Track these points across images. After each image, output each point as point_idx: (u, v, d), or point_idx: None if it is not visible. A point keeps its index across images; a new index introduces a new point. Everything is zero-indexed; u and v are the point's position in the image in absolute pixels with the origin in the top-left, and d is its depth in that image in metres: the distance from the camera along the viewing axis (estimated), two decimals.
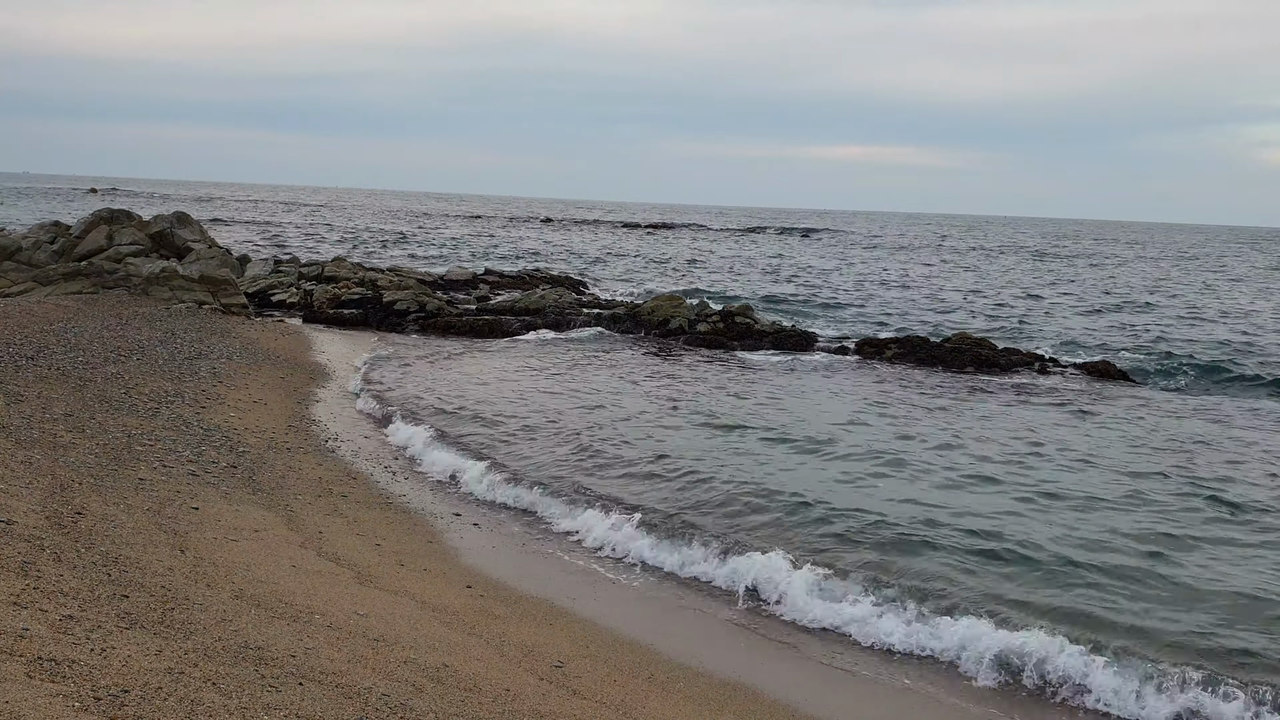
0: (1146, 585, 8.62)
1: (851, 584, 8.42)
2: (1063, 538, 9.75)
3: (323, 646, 6.10)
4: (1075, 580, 8.65)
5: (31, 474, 8.58)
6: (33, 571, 6.16)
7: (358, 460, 12.15)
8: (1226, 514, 10.83)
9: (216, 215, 75.45)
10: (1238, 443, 14.80)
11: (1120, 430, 15.35)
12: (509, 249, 54.17)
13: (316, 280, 28.02)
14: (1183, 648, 7.42)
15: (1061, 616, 7.88)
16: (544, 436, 13.49)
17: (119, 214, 25.70)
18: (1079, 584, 8.58)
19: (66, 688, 4.56)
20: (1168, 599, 8.35)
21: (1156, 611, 8.07)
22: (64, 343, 15.39)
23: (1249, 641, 7.56)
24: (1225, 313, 34.16)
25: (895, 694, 7.06)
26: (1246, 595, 8.44)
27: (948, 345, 22.23)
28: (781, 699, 6.81)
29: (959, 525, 9.95)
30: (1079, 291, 41.12)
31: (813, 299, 34.53)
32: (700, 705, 6.57)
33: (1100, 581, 8.64)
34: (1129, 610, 8.06)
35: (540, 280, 33.15)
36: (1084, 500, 11.16)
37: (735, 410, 15.64)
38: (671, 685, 6.84)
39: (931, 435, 14.33)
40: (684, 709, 6.47)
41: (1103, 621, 7.82)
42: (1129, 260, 61.92)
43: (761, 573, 8.63)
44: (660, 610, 8.46)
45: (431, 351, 20.79)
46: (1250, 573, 9.04)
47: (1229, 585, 8.68)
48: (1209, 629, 7.76)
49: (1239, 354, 24.08)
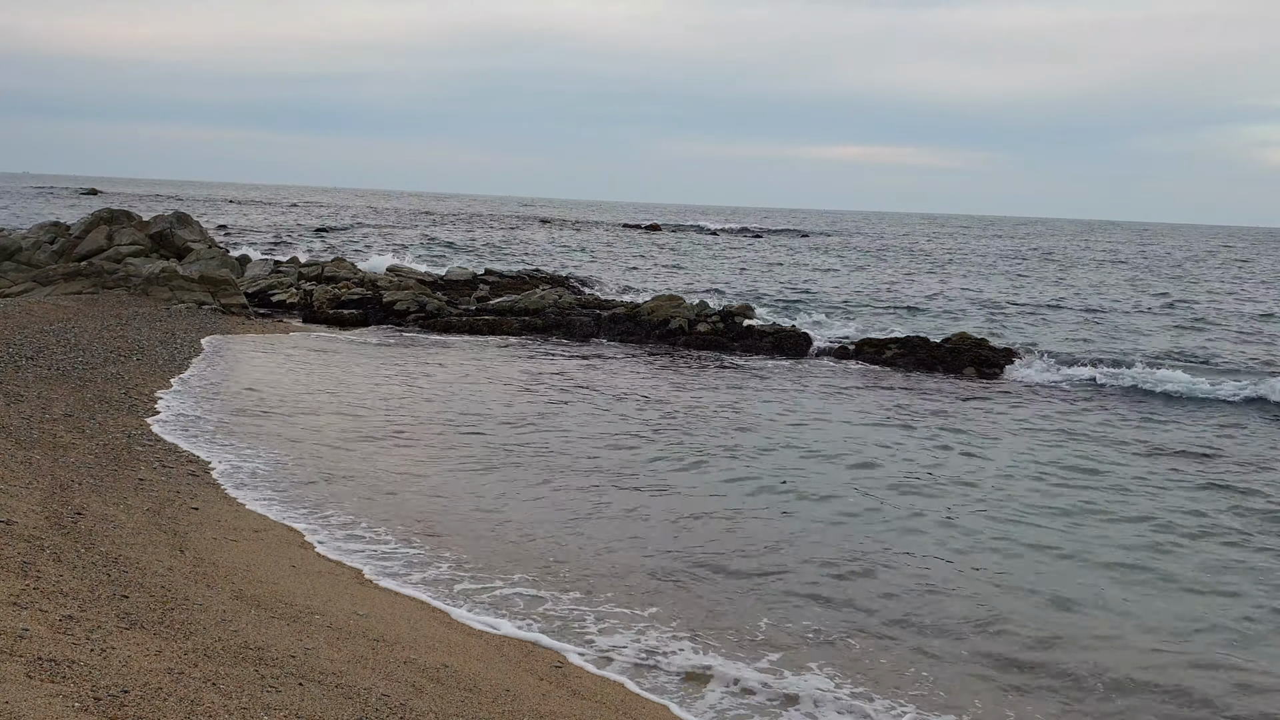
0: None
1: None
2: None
3: (323, 646, 6.10)
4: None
5: (31, 474, 8.59)
6: (33, 572, 6.16)
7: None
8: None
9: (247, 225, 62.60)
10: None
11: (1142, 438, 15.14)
12: (509, 249, 54.18)
13: (316, 280, 28.02)
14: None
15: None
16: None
17: (119, 214, 25.71)
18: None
19: (66, 688, 4.56)
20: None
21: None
22: (64, 343, 15.39)
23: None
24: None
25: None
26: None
27: (948, 345, 22.22)
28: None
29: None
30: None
31: (813, 298, 34.58)
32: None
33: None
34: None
35: (540, 280, 33.15)
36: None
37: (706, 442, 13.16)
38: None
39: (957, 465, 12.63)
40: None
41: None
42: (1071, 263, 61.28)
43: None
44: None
45: (418, 345, 20.78)
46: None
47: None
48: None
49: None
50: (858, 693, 6.53)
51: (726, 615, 7.62)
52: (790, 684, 6.55)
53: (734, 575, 8.44)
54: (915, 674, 6.85)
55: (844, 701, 6.39)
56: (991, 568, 8.90)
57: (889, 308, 32.58)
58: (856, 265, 53.01)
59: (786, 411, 15.60)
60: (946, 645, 7.29)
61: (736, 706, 6.28)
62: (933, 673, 6.87)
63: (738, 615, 7.62)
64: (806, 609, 7.82)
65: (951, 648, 7.25)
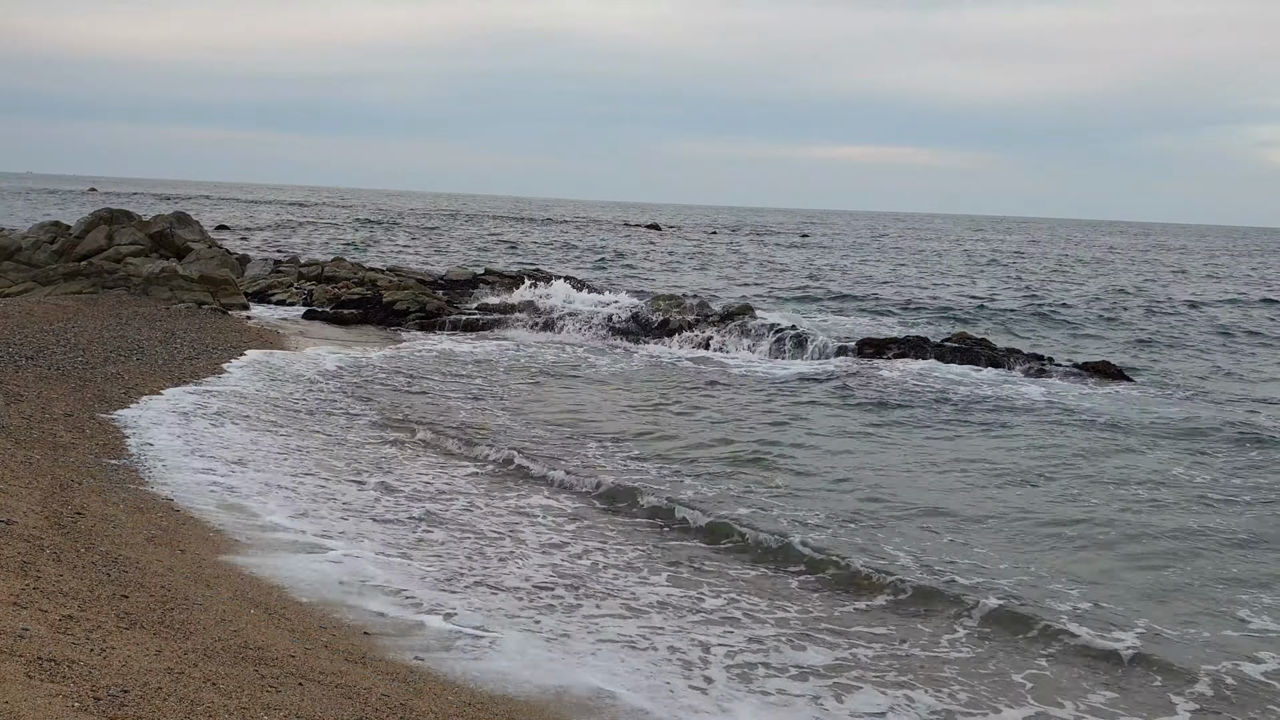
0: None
1: None
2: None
3: (322, 647, 6.10)
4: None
5: (31, 474, 8.58)
6: (33, 571, 6.16)
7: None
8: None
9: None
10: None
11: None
12: (510, 249, 54.14)
13: (316, 280, 28.03)
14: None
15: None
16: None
17: (119, 214, 25.70)
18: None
19: (66, 688, 4.56)
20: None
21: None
22: (64, 343, 15.38)
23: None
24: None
25: None
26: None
27: (949, 345, 22.21)
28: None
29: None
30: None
31: (811, 297, 34.63)
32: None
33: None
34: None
35: (540, 280, 33.13)
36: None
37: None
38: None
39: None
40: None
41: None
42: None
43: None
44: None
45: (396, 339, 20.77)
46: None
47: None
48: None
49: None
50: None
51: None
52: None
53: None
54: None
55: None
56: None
57: (878, 305, 32.58)
58: (852, 260, 52.92)
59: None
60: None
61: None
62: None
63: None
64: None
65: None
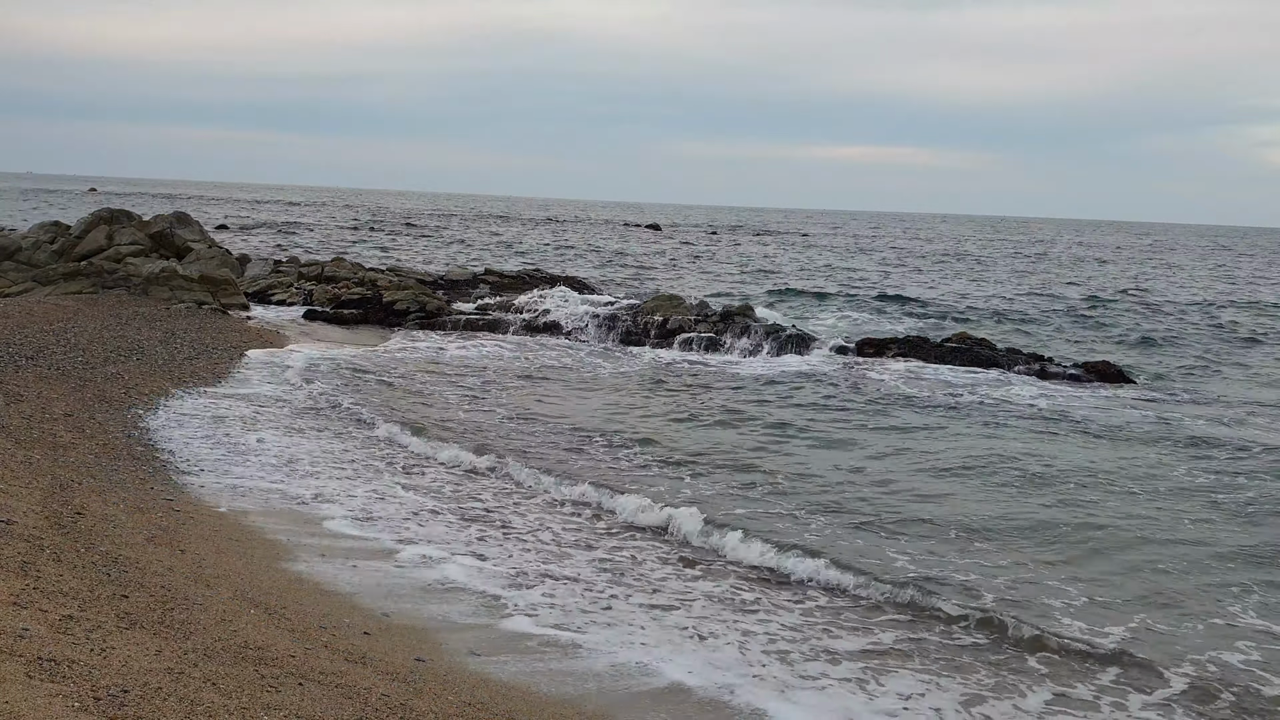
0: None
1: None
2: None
3: (322, 647, 6.09)
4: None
5: (31, 474, 8.58)
6: (33, 571, 6.15)
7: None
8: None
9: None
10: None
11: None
12: (510, 249, 54.13)
13: (316, 280, 28.03)
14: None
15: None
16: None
17: (119, 214, 25.69)
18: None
19: (66, 688, 4.56)
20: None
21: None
22: (64, 343, 15.38)
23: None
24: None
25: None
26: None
27: (949, 345, 22.21)
28: None
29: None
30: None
31: (811, 297, 34.66)
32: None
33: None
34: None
35: (540, 280, 33.13)
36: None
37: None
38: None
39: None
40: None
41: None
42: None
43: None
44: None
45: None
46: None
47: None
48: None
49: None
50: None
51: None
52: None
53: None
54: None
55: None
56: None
57: (879, 304, 32.58)
58: (852, 260, 52.93)
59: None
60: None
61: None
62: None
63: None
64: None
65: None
